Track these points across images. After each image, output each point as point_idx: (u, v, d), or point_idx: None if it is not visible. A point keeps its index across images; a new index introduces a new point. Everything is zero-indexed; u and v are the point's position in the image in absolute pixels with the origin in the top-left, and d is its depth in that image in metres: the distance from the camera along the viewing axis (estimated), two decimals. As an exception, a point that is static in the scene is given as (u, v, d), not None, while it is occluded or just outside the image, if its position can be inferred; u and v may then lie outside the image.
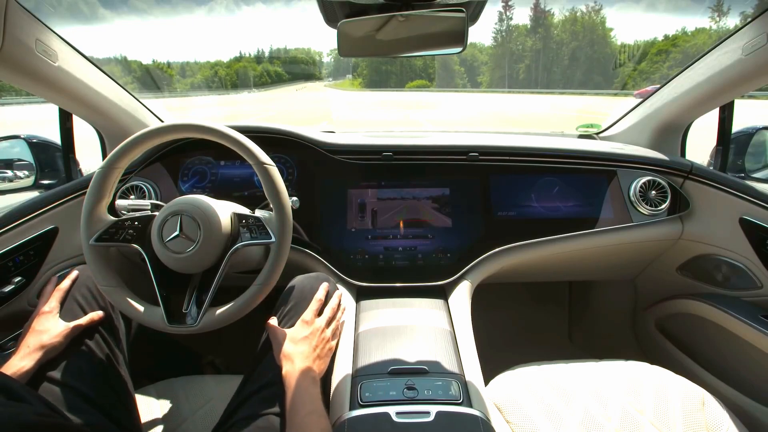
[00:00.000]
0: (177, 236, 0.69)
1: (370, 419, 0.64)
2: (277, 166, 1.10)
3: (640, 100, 1.28)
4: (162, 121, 1.26)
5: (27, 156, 1.15)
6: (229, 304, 0.71)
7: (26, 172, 1.16)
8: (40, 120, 1.14)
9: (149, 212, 0.83)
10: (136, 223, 0.75)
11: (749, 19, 0.87)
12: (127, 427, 0.69)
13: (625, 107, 1.34)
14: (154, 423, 0.81)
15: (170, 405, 0.84)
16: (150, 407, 0.83)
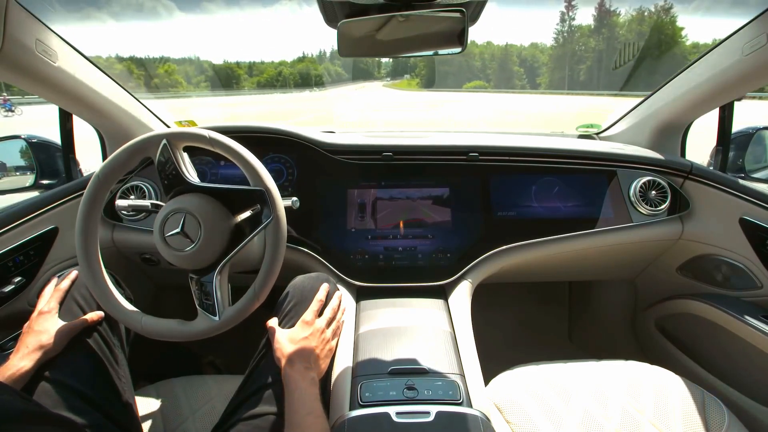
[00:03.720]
0: (177, 233, 0.69)
1: (370, 419, 0.64)
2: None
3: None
4: (164, 123, 1.26)
5: (27, 156, 1.15)
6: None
7: (26, 172, 1.16)
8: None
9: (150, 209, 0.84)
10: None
11: (749, 19, 0.87)
12: (127, 427, 0.69)
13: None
14: (154, 423, 0.81)
15: (170, 405, 0.84)
16: (150, 407, 0.83)
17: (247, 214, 0.72)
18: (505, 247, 1.03)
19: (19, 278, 0.89)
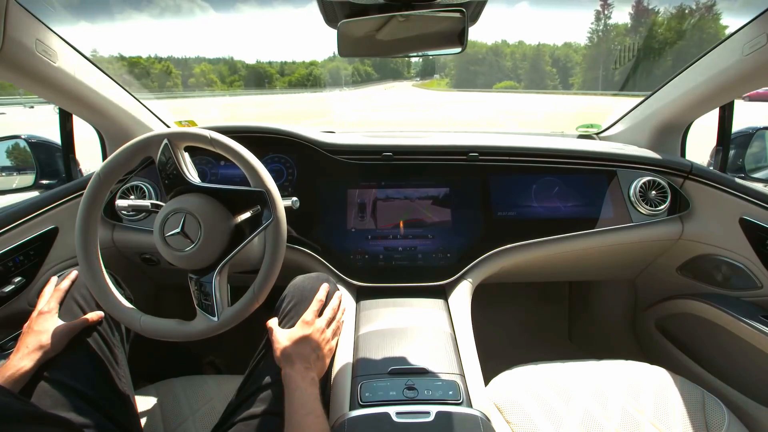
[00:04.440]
0: (177, 233, 0.69)
1: (370, 419, 0.64)
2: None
3: (750, 102, 1.23)
4: (164, 123, 1.26)
5: (27, 156, 1.15)
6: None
7: (26, 172, 1.16)
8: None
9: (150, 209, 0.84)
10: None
11: (749, 19, 0.87)
12: (127, 427, 0.69)
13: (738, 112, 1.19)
14: (154, 423, 0.81)
15: (170, 405, 0.84)
16: (150, 407, 0.83)
17: (247, 215, 0.71)
18: (505, 247, 1.03)
19: (19, 278, 0.89)
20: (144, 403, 0.84)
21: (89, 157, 1.22)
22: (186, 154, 0.76)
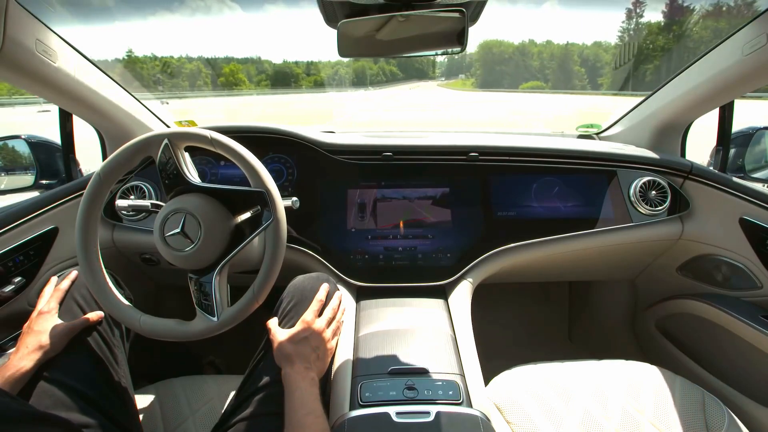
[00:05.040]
0: (177, 233, 0.69)
1: (370, 419, 0.64)
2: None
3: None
4: (164, 123, 1.26)
5: (27, 156, 1.15)
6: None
7: (26, 172, 1.16)
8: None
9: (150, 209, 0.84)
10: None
11: (749, 19, 0.87)
12: (127, 427, 0.69)
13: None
14: (154, 423, 0.81)
15: (170, 405, 0.84)
16: (150, 407, 0.83)
17: (247, 215, 0.72)
18: (505, 247, 1.03)
19: (19, 278, 0.89)
20: (144, 403, 0.84)
21: (90, 159, 1.22)
22: (186, 154, 0.76)
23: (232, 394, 0.73)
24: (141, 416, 0.77)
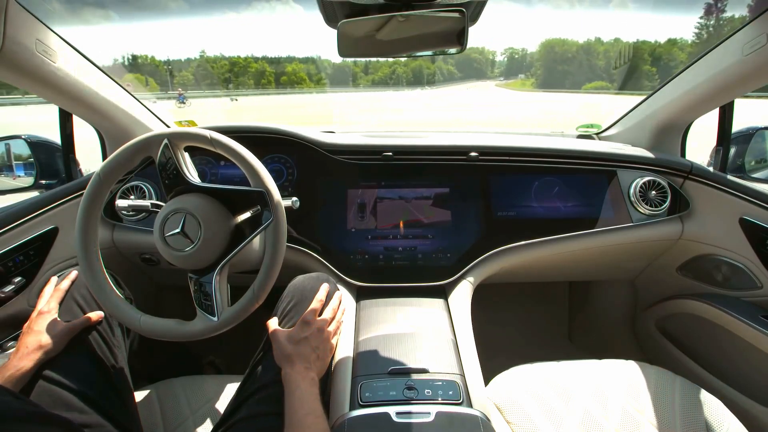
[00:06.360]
0: (177, 233, 0.69)
1: (370, 419, 0.64)
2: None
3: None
4: (164, 123, 1.26)
5: (27, 156, 1.15)
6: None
7: (26, 172, 1.16)
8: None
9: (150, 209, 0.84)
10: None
11: (749, 19, 0.87)
12: (127, 427, 0.69)
13: None
14: (154, 423, 0.81)
15: (170, 405, 0.84)
16: (150, 407, 0.83)
17: (247, 215, 0.72)
18: (505, 247, 1.03)
19: (19, 278, 0.89)
20: (144, 403, 0.84)
21: (90, 159, 1.22)
22: (186, 154, 0.76)
23: (232, 394, 0.73)
24: (141, 416, 0.77)
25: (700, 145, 1.32)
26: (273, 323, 0.78)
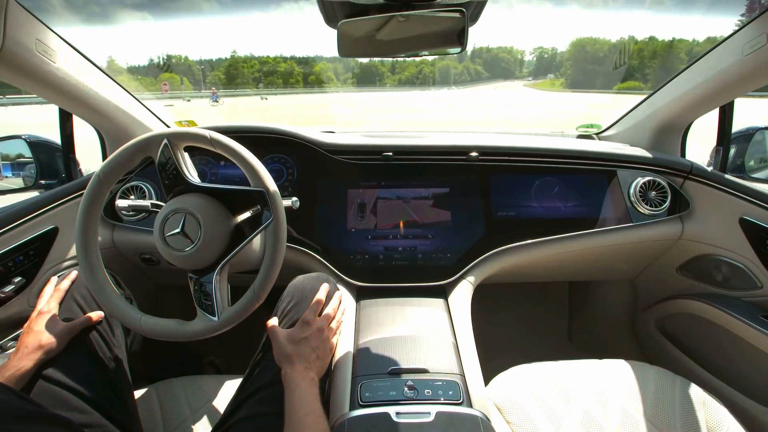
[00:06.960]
0: (177, 233, 0.69)
1: (370, 419, 0.64)
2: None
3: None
4: (164, 123, 1.26)
5: (27, 156, 1.15)
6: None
7: (26, 172, 1.16)
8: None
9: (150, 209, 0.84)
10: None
11: (749, 19, 0.87)
12: (127, 427, 0.69)
13: None
14: (154, 423, 0.81)
15: (170, 405, 0.84)
16: (150, 407, 0.83)
17: (247, 214, 0.72)
18: (505, 247, 1.03)
19: (19, 278, 0.89)
20: (144, 403, 0.84)
21: (90, 159, 1.22)
22: (186, 154, 0.76)
23: (232, 394, 0.73)
24: (141, 416, 0.77)
25: (700, 145, 1.32)
26: (273, 323, 0.77)
